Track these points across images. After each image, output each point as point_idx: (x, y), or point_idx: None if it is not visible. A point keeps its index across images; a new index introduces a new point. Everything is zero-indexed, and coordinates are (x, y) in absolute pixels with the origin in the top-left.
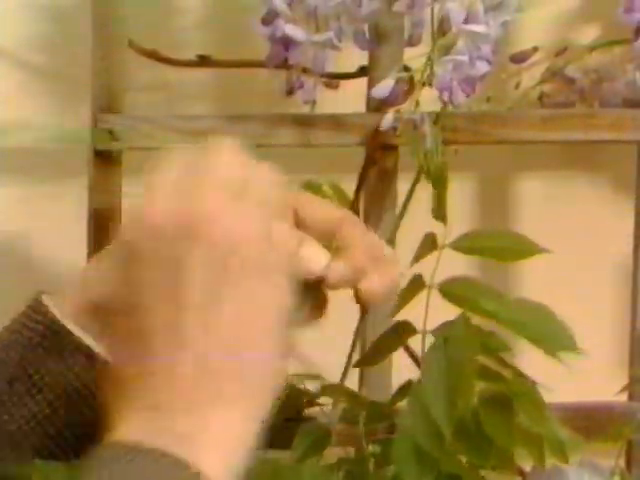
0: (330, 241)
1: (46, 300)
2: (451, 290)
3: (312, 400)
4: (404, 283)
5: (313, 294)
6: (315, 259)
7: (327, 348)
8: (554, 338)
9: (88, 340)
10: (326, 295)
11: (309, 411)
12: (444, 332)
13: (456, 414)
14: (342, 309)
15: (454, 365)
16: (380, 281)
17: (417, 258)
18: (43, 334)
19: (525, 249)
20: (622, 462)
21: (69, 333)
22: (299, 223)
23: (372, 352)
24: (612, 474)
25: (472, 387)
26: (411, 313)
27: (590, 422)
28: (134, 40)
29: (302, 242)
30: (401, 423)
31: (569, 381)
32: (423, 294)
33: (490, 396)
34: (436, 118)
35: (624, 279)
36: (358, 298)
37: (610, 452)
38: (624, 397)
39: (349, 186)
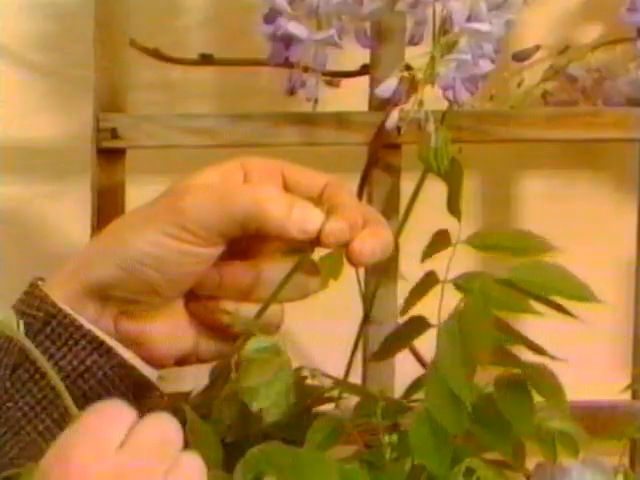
0: (319, 204)
1: (43, 286)
2: (465, 285)
3: (321, 396)
4: (410, 281)
5: (305, 263)
6: (309, 219)
7: (328, 344)
8: (572, 290)
9: (89, 326)
10: (317, 265)
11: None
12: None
13: (473, 384)
14: (343, 307)
15: (469, 334)
16: (372, 240)
17: (428, 254)
18: (44, 321)
19: (536, 246)
20: (626, 461)
21: (72, 320)
22: (287, 189)
23: (385, 346)
24: (616, 473)
25: (488, 351)
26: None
27: (593, 421)
28: (136, 39)
29: (294, 204)
30: (418, 409)
31: (572, 380)
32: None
33: (506, 380)
34: (443, 117)
35: (627, 277)
36: (350, 257)
37: (613, 451)
38: (627, 396)
39: (352, 185)
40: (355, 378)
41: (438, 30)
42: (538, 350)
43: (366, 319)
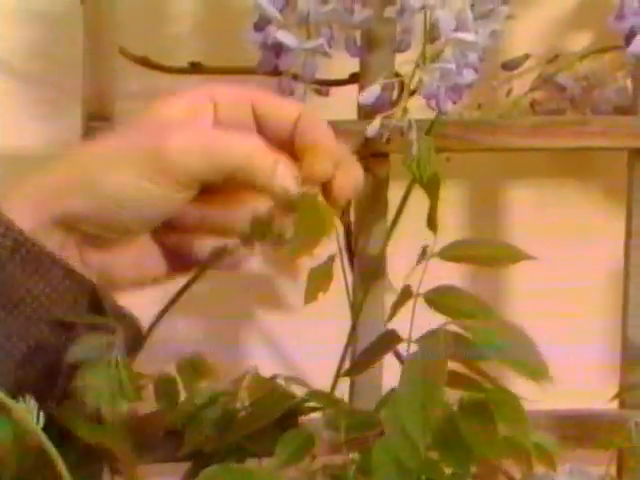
0: (291, 136)
1: (7, 214)
2: (437, 299)
3: (300, 406)
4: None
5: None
6: (291, 179)
7: (319, 357)
8: (527, 364)
9: (59, 253)
10: (293, 204)
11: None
12: (424, 341)
13: (430, 426)
14: (333, 319)
15: (428, 374)
16: (351, 177)
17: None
18: (12, 249)
19: (511, 255)
20: (613, 470)
21: (41, 247)
22: (257, 120)
23: (360, 361)
24: None
25: (442, 397)
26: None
27: (581, 430)
28: (125, 47)
29: (278, 161)
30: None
31: (560, 388)
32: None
33: (469, 404)
34: (430, 126)
35: (615, 286)
36: (330, 196)
37: (601, 460)
38: (615, 405)
39: None
40: (346, 387)
41: (425, 38)
42: (494, 383)
43: (354, 329)
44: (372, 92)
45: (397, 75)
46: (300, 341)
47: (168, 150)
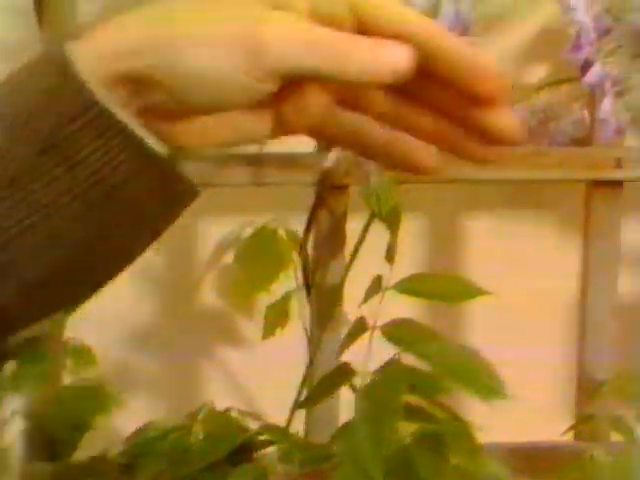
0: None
1: (79, 68)
2: (393, 332)
3: (254, 440)
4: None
5: None
6: (398, 55)
7: (277, 392)
8: (483, 383)
9: (126, 119)
10: None
11: (257, 453)
12: (377, 374)
13: (384, 455)
14: (290, 353)
15: (381, 406)
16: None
17: (364, 300)
18: (81, 109)
19: (467, 291)
20: None
21: (111, 113)
22: (359, 20)
23: (315, 394)
24: None
25: (396, 428)
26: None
27: (536, 462)
28: None
29: (374, 45)
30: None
31: (515, 421)
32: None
33: (422, 436)
34: None
35: (571, 318)
36: (495, 134)
37: None
38: (571, 437)
39: (299, 226)
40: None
41: None
42: (454, 415)
43: (311, 363)
44: None
45: None
46: (258, 376)
47: (270, 44)
